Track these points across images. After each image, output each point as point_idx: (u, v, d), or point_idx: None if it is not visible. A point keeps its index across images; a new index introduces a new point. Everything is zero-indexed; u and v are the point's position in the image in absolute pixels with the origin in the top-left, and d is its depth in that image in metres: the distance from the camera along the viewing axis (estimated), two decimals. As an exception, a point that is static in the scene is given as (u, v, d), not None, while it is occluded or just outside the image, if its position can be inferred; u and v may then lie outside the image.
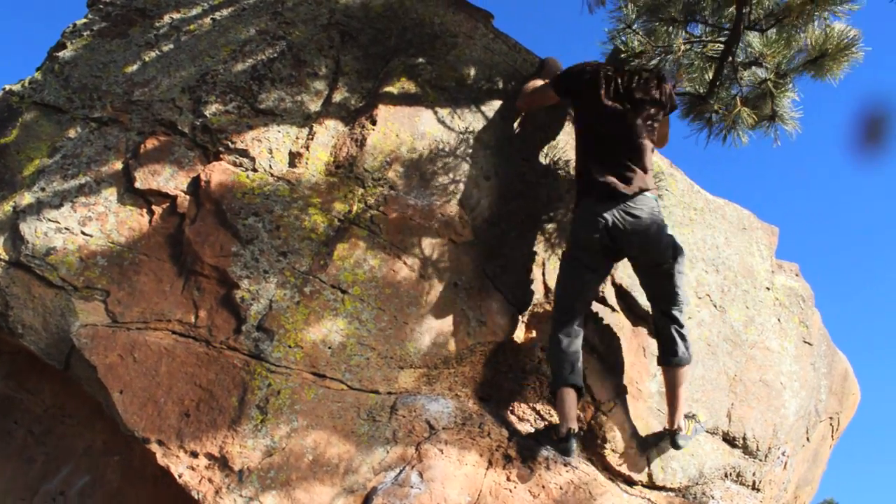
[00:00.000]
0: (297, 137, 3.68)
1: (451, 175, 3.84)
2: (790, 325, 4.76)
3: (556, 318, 3.69)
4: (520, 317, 3.91)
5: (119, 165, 3.48)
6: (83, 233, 3.32)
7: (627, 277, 4.09)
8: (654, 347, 3.90)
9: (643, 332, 4.12)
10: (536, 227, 4.07)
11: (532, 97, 4.07)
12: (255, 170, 3.55)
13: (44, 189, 3.35)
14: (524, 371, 3.81)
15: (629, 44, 4.01)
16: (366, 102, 3.86)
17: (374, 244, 3.56)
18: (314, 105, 3.78)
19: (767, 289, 4.75)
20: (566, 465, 3.53)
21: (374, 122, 3.75)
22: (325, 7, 4.05)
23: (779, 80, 4.07)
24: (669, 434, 3.76)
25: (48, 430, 3.51)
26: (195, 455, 3.03)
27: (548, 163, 4.19)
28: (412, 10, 4.20)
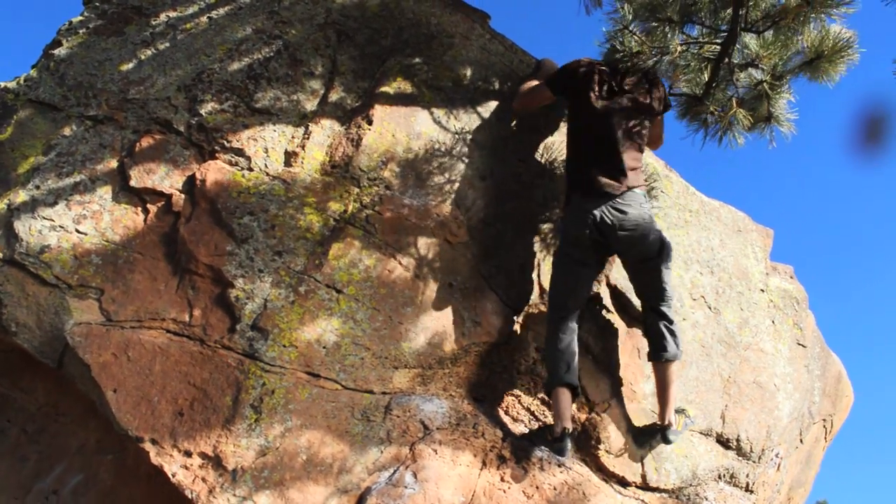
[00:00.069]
0: (293, 137, 3.68)
1: (447, 175, 3.84)
2: (784, 328, 4.77)
3: (552, 317, 3.70)
4: (515, 317, 3.92)
5: (114, 164, 3.47)
6: (78, 231, 3.31)
7: (622, 279, 4.10)
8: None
9: (638, 334, 4.12)
10: (532, 228, 4.08)
11: (528, 97, 4.07)
12: (251, 169, 3.55)
13: (38, 187, 3.34)
14: (519, 372, 3.81)
15: (626, 44, 4.02)
16: (362, 102, 3.85)
17: (370, 244, 3.56)
18: (310, 104, 3.78)
19: (762, 291, 4.76)
20: (560, 466, 3.54)
21: (371, 122, 3.75)
22: (322, 6, 4.04)
23: (775, 82, 4.08)
24: (660, 429, 3.77)
25: (42, 429, 3.50)
26: (189, 454, 3.02)
27: (543, 163, 4.19)
28: (408, 10, 4.19)
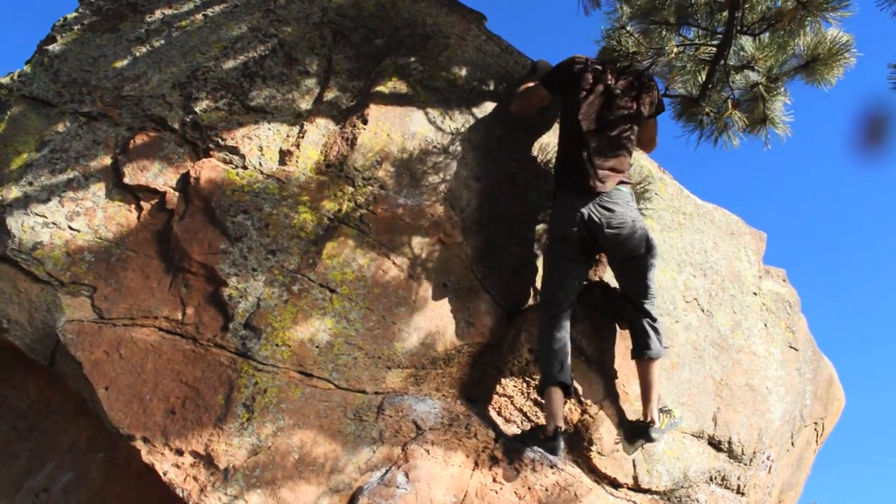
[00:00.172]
0: (288, 135, 3.67)
1: (441, 175, 3.84)
2: (776, 331, 4.78)
3: (544, 315, 3.71)
4: (508, 318, 3.92)
5: (108, 160, 3.46)
6: (70, 228, 3.30)
7: (615, 280, 4.10)
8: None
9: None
10: (526, 229, 4.08)
11: (525, 99, 4.07)
12: (245, 167, 3.54)
13: (31, 183, 3.33)
14: (511, 372, 3.81)
15: (623, 44, 4.03)
16: (357, 101, 3.85)
17: (364, 243, 3.56)
18: (305, 103, 3.77)
19: (754, 294, 4.77)
20: (552, 467, 3.54)
21: (365, 122, 3.75)
22: (318, 5, 4.04)
23: (770, 84, 4.10)
24: (643, 426, 3.77)
25: (32, 426, 3.49)
26: (180, 453, 3.02)
27: (538, 165, 4.19)
28: (405, 11, 4.19)
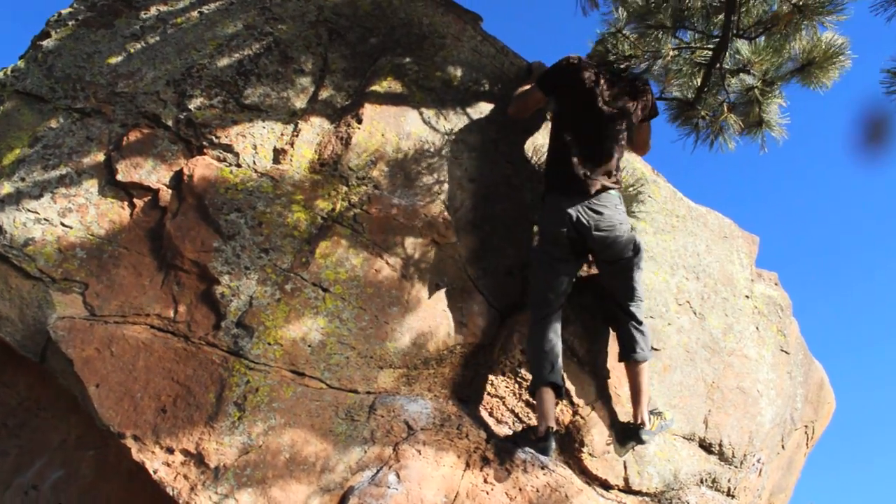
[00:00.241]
0: (282, 134, 3.66)
1: (436, 176, 3.84)
2: (768, 334, 4.80)
3: (535, 316, 3.71)
4: (501, 319, 3.92)
5: (101, 157, 3.44)
6: (63, 224, 3.28)
7: (602, 282, 4.10)
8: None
9: (623, 338, 4.13)
10: (519, 231, 4.08)
11: (522, 102, 4.06)
12: (239, 165, 3.53)
13: (23, 179, 3.31)
14: (503, 373, 3.81)
15: (619, 47, 4.03)
16: (352, 101, 3.84)
17: (357, 243, 3.55)
18: (300, 102, 3.77)
19: (747, 297, 4.78)
20: (543, 468, 3.54)
21: (360, 121, 3.74)
22: (314, 4, 4.03)
23: (766, 88, 4.11)
24: (633, 428, 3.77)
25: (22, 423, 3.48)
26: (171, 451, 3.01)
27: (532, 166, 4.19)
28: (401, 10, 4.19)
